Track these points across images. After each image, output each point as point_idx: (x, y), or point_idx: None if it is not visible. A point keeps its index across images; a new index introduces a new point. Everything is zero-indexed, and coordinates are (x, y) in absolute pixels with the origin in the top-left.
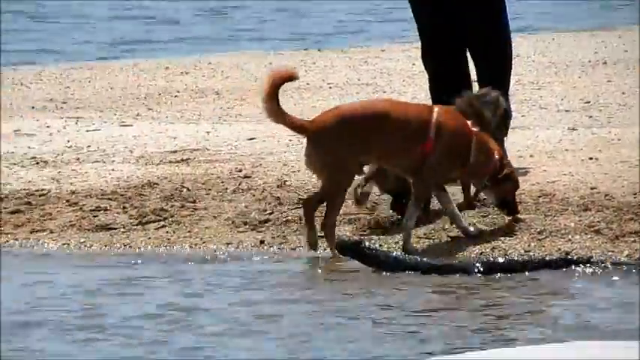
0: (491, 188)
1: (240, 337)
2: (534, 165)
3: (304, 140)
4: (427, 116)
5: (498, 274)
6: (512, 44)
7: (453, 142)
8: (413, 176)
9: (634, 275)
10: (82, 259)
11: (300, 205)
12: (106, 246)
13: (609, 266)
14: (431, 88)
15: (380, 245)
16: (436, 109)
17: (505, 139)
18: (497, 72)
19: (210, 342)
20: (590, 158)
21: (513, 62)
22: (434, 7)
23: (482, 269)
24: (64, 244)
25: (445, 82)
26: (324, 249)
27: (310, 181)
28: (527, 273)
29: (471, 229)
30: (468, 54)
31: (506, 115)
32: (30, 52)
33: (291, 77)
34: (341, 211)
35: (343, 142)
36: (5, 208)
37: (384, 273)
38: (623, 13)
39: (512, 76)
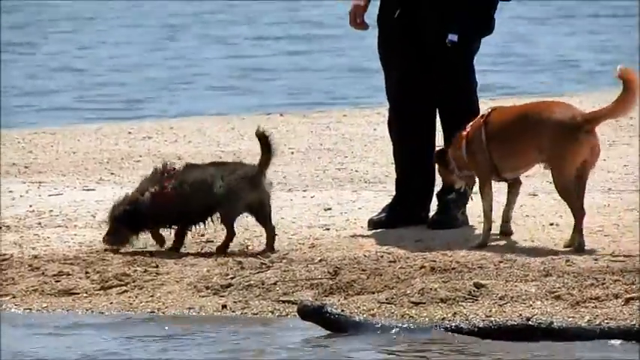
0: None
1: None
2: (495, 230)
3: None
4: None
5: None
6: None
7: None
8: None
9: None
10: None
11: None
12: (68, 311)
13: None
14: (396, 153)
15: (342, 310)
16: None
17: (468, 205)
18: None
19: None
20: (551, 224)
21: None
22: (405, 69)
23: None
24: (27, 309)
25: (410, 147)
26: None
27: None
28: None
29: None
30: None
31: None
32: None
33: None
34: (302, 276)
35: None
36: None
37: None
38: None
39: None
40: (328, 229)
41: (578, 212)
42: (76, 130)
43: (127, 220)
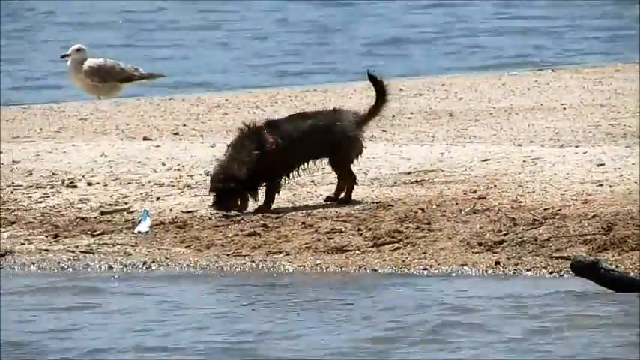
0: None
1: None
2: None
3: None
4: None
5: None
6: None
7: None
8: None
9: None
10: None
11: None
12: (341, 267)
13: None
14: None
15: (616, 266)
16: None
17: None
18: None
19: None
20: None
21: None
22: None
23: None
24: (300, 265)
25: None
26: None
27: (545, 202)
28: None
29: None
30: None
31: None
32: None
33: None
34: (575, 232)
35: None
36: (242, 231)
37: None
38: None
39: None
40: (601, 185)
41: None
42: (343, 85)
43: (228, 187)
